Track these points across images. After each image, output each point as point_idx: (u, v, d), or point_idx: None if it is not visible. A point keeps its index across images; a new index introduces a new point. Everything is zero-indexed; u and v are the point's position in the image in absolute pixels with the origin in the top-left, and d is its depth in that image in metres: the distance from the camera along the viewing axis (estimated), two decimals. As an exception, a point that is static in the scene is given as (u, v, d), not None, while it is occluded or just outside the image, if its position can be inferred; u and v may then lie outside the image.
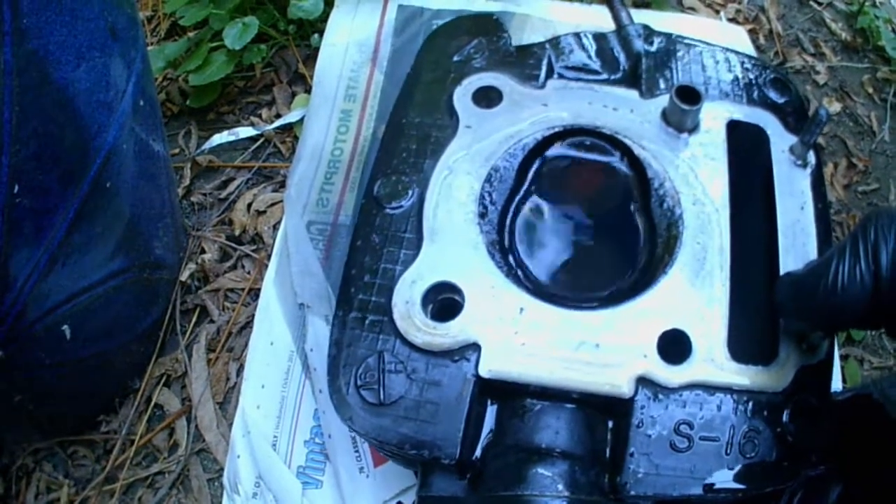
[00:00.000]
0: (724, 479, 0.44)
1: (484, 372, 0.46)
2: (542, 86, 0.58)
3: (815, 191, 0.53)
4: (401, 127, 0.56)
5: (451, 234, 0.50)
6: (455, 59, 0.60)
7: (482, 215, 0.51)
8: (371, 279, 0.50)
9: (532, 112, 0.56)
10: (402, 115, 0.57)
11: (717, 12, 0.99)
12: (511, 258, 0.53)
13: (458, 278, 0.49)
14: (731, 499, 0.45)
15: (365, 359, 0.47)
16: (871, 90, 0.99)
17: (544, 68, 0.59)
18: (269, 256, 0.74)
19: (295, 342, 0.69)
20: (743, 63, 0.60)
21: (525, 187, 0.55)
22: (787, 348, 0.47)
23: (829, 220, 0.53)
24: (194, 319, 0.75)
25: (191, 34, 0.90)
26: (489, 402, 0.48)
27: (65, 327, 0.59)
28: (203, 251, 0.78)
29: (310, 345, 0.67)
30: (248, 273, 0.77)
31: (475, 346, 0.47)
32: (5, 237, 0.50)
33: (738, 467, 0.44)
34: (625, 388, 0.46)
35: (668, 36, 0.61)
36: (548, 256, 0.53)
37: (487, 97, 0.56)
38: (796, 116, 0.57)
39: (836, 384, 0.68)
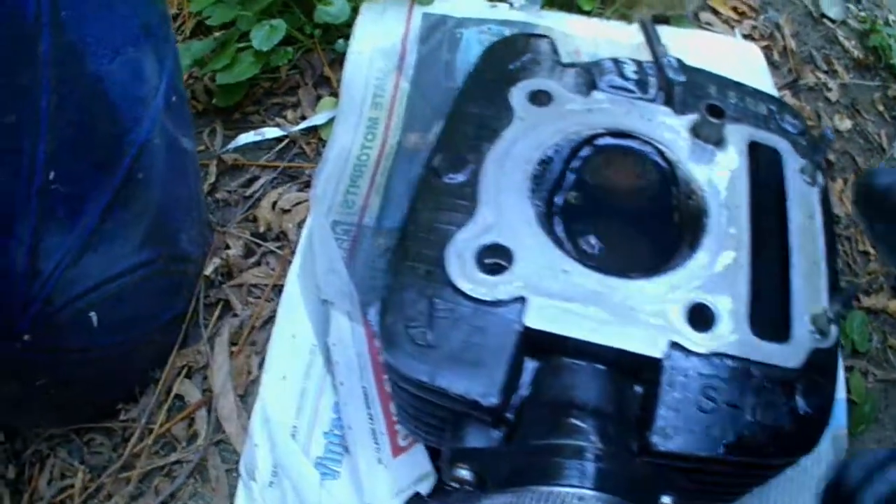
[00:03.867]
0: (745, 443, 0.48)
1: (529, 322, 0.50)
2: (588, 95, 0.64)
3: (822, 205, 0.60)
4: (461, 115, 0.63)
5: (504, 204, 0.56)
6: (511, 66, 0.67)
7: (533, 192, 0.57)
8: (426, 235, 0.55)
9: (579, 114, 0.63)
10: (462, 106, 0.64)
11: (733, 28, 1.01)
12: (557, 230, 0.58)
13: (508, 240, 0.54)
14: (750, 468, 0.50)
15: (416, 303, 0.52)
16: (881, 108, 1.01)
17: (590, 83, 0.66)
18: (293, 253, 0.75)
19: (317, 336, 0.70)
20: (764, 99, 0.68)
21: (571, 174, 0.61)
22: (800, 330, 0.52)
23: (833, 230, 0.60)
24: (217, 313, 0.76)
25: (217, 34, 0.92)
26: (528, 360, 0.52)
27: (92, 314, 0.61)
28: (227, 247, 0.79)
29: (332, 339, 0.69)
30: (273, 269, 0.78)
31: (521, 300, 0.51)
32: (39, 221, 0.52)
33: (757, 434, 0.48)
34: (657, 349, 0.50)
35: (699, 70, 0.68)
36: (588, 233, 0.59)
37: (540, 98, 0.63)
38: (806, 146, 0.64)
39: (840, 394, 0.70)
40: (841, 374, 0.70)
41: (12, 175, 0.49)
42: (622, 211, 0.60)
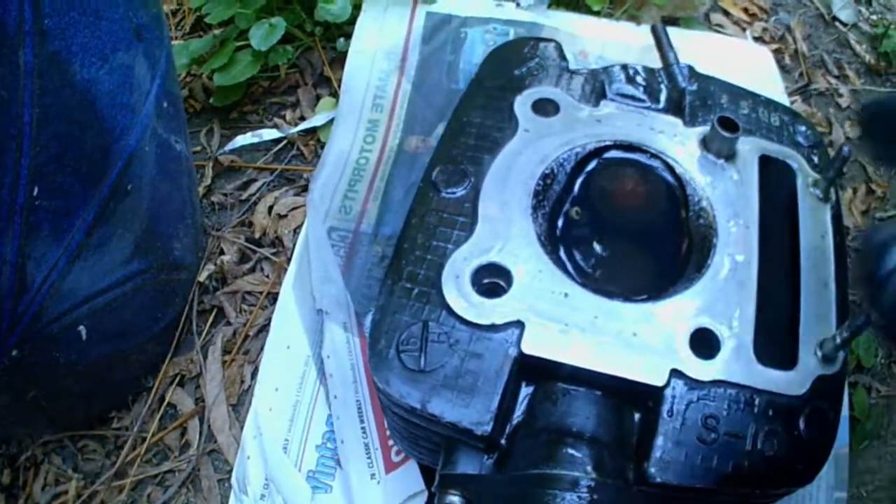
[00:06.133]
0: (745, 475, 0.47)
1: (526, 349, 0.48)
2: (596, 105, 0.62)
3: (834, 223, 0.58)
4: (462, 124, 0.61)
5: (504, 222, 0.54)
6: (516, 72, 0.64)
7: (535, 208, 0.55)
8: (422, 254, 0.53)
9: (586, 126, 0.60)
10: (464, 115, 0.62)
11: (744, 30, 0.99)
12: (558, 249, 0.56)
13: (508, 261, 0.52)
14: (748, 499, 0.48)
15: (409, 326, 0.50)
16: (892, 115, 0.99)
17: (598, 91, 0.63)
18: (288, 260, 0.74)
19: (311, 347, 0.69)
20: (777, 109, 0.65)
21: (575, 190, 0.59)
22: (806, 357, 0.51)
23: (845, 251, 0.58)
24: (210, 320, 0.75)
25: (216, 31, 0.90)
26: (524, 384, 0.50)
27: (81, 328, 0.60)
28: (222, 252, 0.78)
29: (326, 351, 0.68)
30: (267, 276, 0.77)
31: (519, 324, 0.49)
32: (23, 238, 0.50)
33: (758, 465, 0.47)
34: (658, 377, 0.48)
35: (711, 78, 0.66)
36: (591, 252, 0.57)
37: (545, 108, 0.61)
38: (820, 159, 0.62)
39: (843, 412, 0.69)
40: (844, 392, 0.68)
41: (-6, 193, 0.47)
42: (628, 230, 0.58)
